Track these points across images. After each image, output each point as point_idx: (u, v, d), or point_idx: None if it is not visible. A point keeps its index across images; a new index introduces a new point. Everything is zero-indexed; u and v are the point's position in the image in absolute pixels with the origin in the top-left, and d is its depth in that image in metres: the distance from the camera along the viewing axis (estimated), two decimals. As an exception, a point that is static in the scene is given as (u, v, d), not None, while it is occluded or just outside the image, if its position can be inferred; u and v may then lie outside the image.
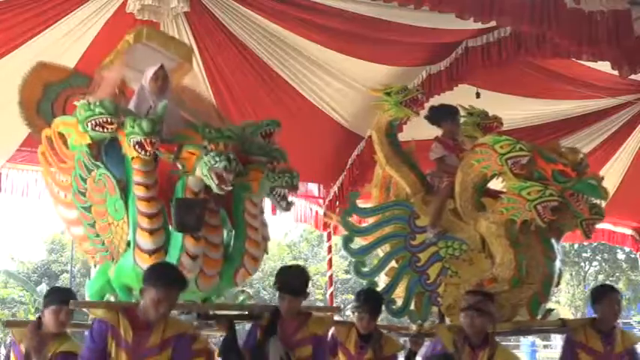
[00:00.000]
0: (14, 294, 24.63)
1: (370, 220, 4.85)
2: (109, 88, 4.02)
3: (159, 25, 5.35)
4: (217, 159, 3.33)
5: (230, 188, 3.42)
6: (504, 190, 4.26)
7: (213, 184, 3.37)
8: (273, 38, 5.79)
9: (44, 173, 4.11)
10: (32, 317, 22.48)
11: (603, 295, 3.98)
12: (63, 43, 5.38)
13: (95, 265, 4.15)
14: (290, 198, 3.81)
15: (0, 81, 5.11)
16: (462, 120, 4.98)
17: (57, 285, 25.96)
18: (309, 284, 3.76)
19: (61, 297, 3.49)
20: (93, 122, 3.53)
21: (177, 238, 3.48)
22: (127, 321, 2.98)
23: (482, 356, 3.54)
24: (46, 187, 4.13)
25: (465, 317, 3.58)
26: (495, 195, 4.41)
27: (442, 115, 4.90)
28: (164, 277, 3.05)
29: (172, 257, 3.46)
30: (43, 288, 24.71)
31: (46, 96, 4.21)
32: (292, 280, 3.66)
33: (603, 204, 4.28)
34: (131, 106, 3.93)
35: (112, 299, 3.88)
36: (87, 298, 4.11)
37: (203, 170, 3.38)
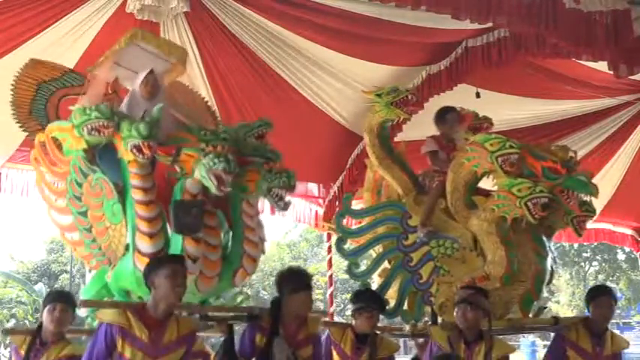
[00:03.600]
0: (13, 294, 24.59)
1: (363, 222, 4.87)
2: (100, 87, 4.05)
3: (159, 25, 5.37)
4: (216, 160, 3.35)
5: (229, 190, 3.43)
6: (495, 188, 4.27)
7: (212, 185, 3.37)
8: (273, 38, 5.79)
9: (37, 179, 4.08)
10: (31, 318, 22.49)
11: (595, 297, 4.04)
12: (63, 43, 5.37)
13: (90, 271, 4.15)
14: (287, 198, 3.83)
15: (0, 81, 5.12)
16: None
17: (56, 285, 26.06)
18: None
19: (54, 296, 3.65)
20: (89, 127, 3.52)
21: (177, 240, 3.48)
22: (139, 320, 2.98)
23: (477, 351, 3.57)
24: (39, 193, 4.08)
25: (457, 311, 3.62)
26: (486, 194, 4.41)
27: (437, 117, 4.93)
28: (167, 256, 3.27)
29: None
30: (41, 288, 24.70)
31: (40, 95, 4.19)
32: (301, 274, 3.68)
33: (594, 201, 4.27)
34: (122, 108, 3.94)
35: None
36: None
37: (202, 172, 3.38)
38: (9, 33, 5.18)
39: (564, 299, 30.77)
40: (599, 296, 4.02)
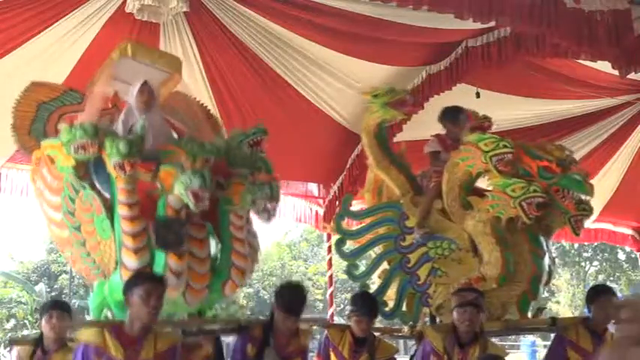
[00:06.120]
0: (13, 294, 24.60)
1: (363, 223, 4.87)
2: (97, 103, 4.06)
3: (158, 26, 5.36)
4: (192, 178, 3.39)
5: (206, 206, 3.45)
6: (490, 188, 4.26)
7: (190, 202, 3.41)
8: (273, 38, 5.78)
9: (36, 194, 4.10)
10: (31, 318, 22.50)
11: (597, 297, 3.95)
12: (63, 43, 5.37)
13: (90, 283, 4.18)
14: (272, 209, 3.80)
15: (0, 81, 5.11)
16: None
17: (56, 285, 26.07)
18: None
19: (49, 305, 3.75)
20: (75, 145, 3.56)
21: (160, 256, 3.48)
22: (115, 338, 2.94)
23: (472, 353, 3.54)
24: (38, 206, 4.09)
25: (462, 314, 3.57)
26: (483, 193, 4.41)
27: (443, 116, 4.90)
28: (143, 275, 3.18)
29: None
30: (42, 288, 24.72)
31: (39, 116, 4.21)
32: (295, 300, 3.62)
33: (594, 200, 4.26)
34: (119, 122, 3.97)
35: (109, 315, 3.85)
36: (90, 312, 4.10)
37: (180, 189, 3.42)
38: (9, 33, 5.17)
39: (564, 299, 30.76)
40: (597, 297, 3.93)
